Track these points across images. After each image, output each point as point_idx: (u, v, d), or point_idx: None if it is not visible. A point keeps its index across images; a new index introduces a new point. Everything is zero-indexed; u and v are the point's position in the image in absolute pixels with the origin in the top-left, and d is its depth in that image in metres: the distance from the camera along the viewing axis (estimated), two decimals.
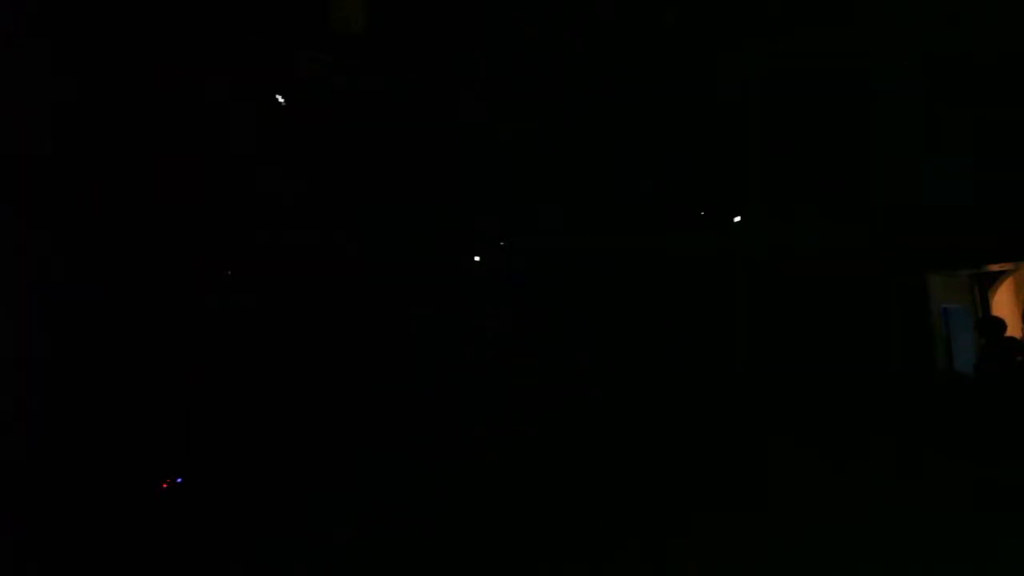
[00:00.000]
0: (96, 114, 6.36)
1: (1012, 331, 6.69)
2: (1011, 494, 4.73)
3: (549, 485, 6.13)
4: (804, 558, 4.08)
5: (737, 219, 8.33)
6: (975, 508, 4.55)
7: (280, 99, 7.33)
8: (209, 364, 6.90)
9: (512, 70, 8.70)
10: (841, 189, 7.72)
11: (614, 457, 6.87)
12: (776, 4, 7.97)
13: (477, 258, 8.97)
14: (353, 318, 8.09)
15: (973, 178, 6.77)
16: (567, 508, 5.45)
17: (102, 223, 6.41)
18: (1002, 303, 7.90)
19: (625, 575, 4.31)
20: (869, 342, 7.34)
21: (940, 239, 7.08)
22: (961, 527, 4.21)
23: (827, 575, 3.93)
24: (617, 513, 5.28)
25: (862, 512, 4.65)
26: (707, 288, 8.58)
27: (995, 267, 7.69)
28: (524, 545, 4.81)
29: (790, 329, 7.81)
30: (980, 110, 6.73)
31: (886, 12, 7.29)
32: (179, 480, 6.33)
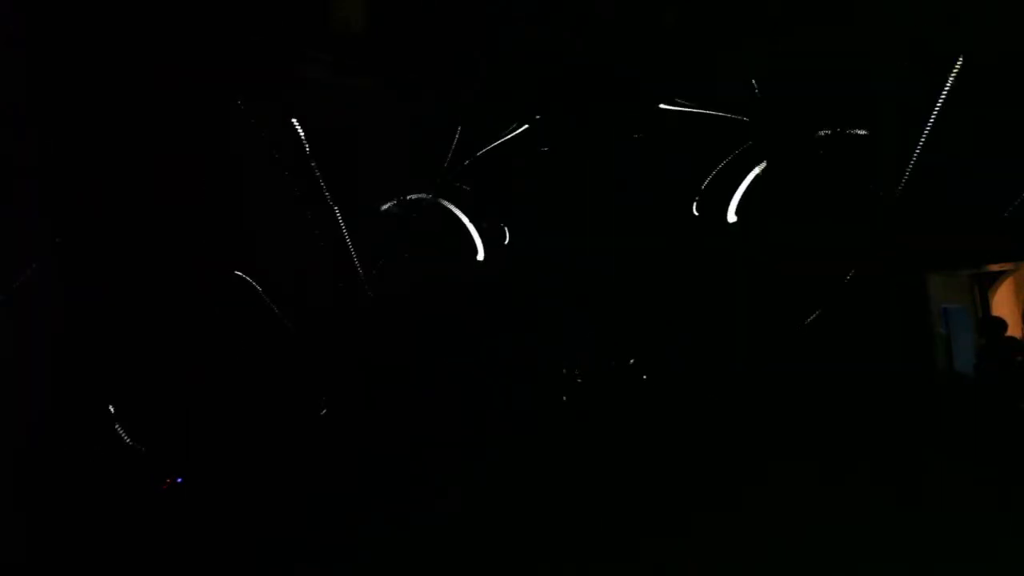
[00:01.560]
0: (94, 114, 6.37)
1: (1012, 331, 6.70)
2: (1011, 494, 4.73)
3: (549, 485, 6.13)
4: (804, 558, 4.08)
5: (736, 219, 8.34)
6: (975, 508, 4.54)
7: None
8: (209, 364, 6.90)
9: (512, 70, 8.71)
10: (841, 189, 7.72)
11: (614, 457, 6.87)
12: (776, 4, 7.97)
13: (480, 257, 8.97)
14: (353, 318, 8.09)
15: (973, 178, 6.77)
16: (567, 508, 5.45)
17: (102, 223, 6.42)
18: (1002, 303, 7.90)
19: (624, 575, 4.31)
20: (869, 342, 7.34)
21: (940, 239, 7.08)
22: (961, 527, 4.21)
23: (827, 575, 3.93)
24: (617, 513, 5.28)
25: (862, 512, 4.65)
26: (707, 288, 8.58)
27: (995, 267, 7.70)
28: (524, 545, 4.81)
29: (790, 329, 7.81)
30: (980, 110, 6.74)
31: (886, 12, 7.29)
32: (179, 480, 6.33)
